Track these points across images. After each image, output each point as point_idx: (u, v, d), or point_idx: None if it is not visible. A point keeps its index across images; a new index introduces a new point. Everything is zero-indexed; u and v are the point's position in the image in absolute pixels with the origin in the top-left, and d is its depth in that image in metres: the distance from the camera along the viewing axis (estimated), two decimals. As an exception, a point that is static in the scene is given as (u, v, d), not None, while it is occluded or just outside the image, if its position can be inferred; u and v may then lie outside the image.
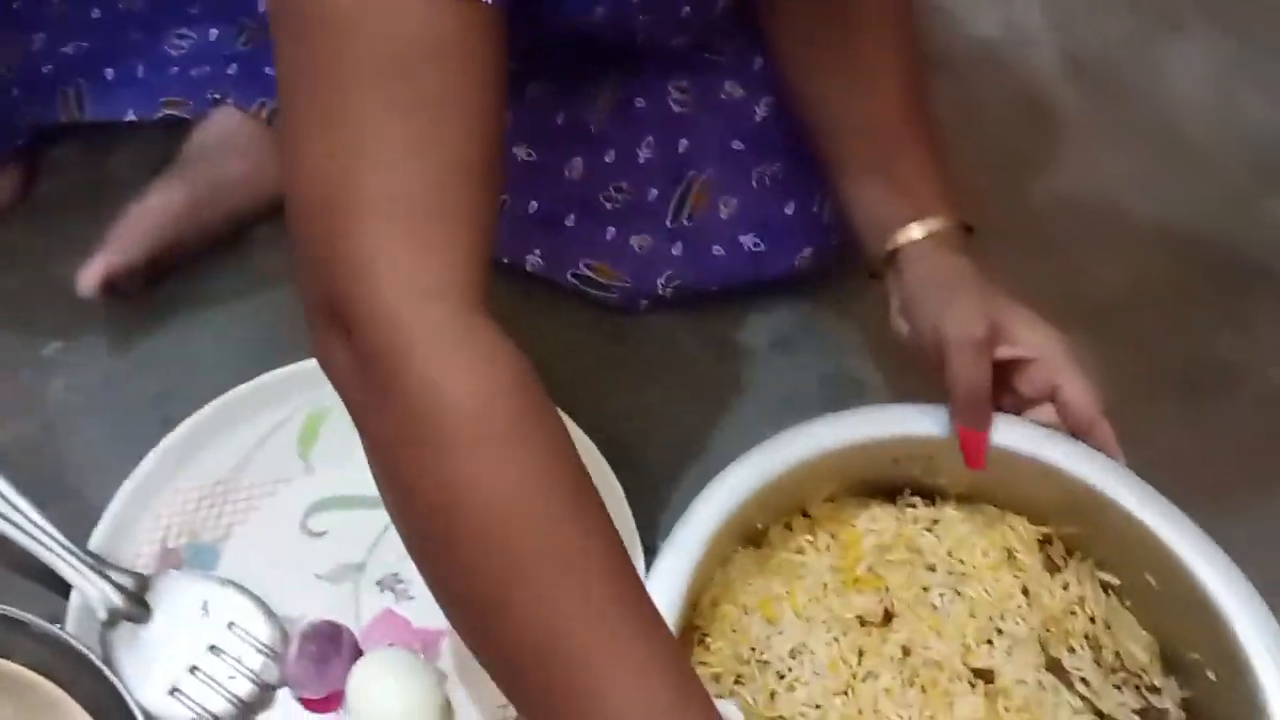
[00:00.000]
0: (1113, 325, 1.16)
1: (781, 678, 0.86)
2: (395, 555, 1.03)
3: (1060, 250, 1.04)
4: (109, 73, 1.24)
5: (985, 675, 0.87)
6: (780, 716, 0.85)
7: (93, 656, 0.92)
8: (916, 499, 0.96)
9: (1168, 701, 0.87)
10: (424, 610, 1.01)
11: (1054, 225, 0.98)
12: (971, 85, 1.40)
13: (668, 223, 1.19)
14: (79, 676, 0.93)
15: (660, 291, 1.18)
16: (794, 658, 0.87)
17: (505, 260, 1.20)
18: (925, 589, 0.90)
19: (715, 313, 1.21)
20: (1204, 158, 1.36)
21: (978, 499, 0.95)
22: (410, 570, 0.95)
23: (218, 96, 1.23)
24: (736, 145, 1.18)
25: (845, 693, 0.85)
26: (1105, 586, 0.92)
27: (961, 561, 0.92)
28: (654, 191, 1.19)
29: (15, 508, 1.00)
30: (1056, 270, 1.17)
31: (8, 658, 0.95)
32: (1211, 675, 0.85)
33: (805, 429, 0.91)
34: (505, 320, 0.89)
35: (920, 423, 0.92)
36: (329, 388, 0.87)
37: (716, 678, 0.88)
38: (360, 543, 1.05)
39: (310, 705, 0.97)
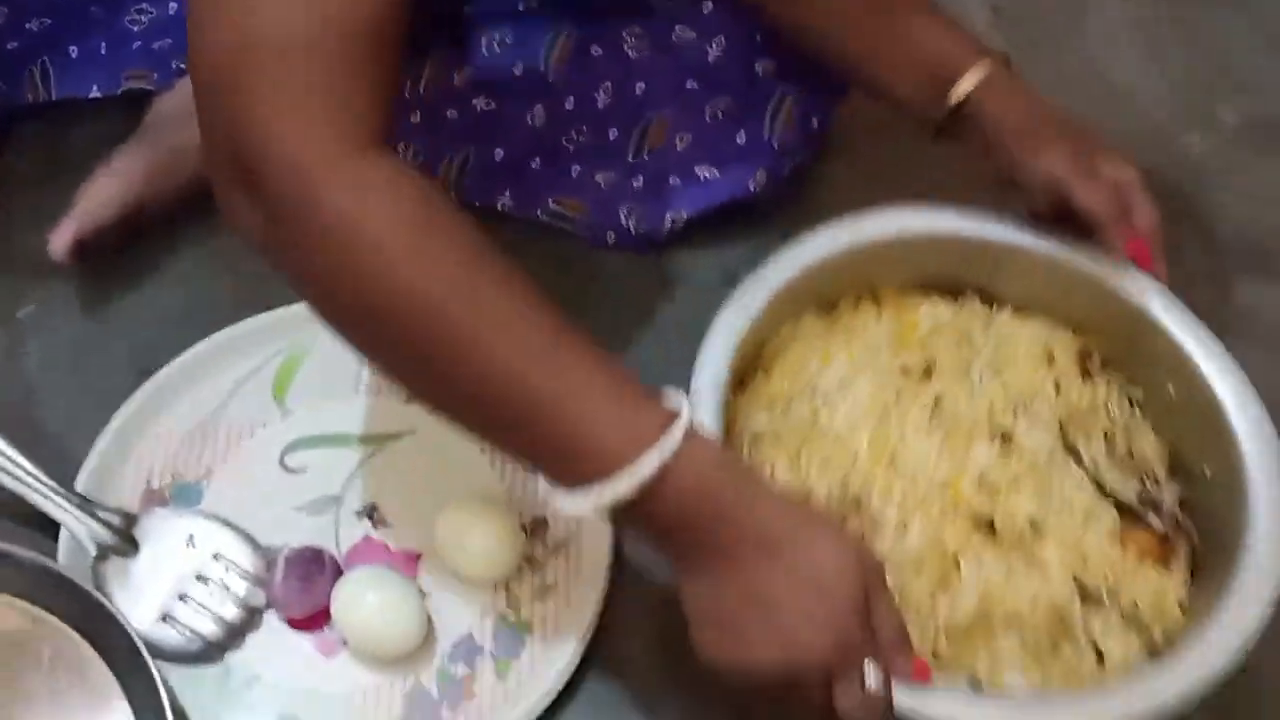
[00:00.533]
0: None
1: (826, 403, 0.97)
2: (370, 487, 1.08)
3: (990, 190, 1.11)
4: (72, 50, 1.28)
5: (1004, 435, 0.95)
6: (819, 431, 0.95)
7: (85, 585, 0.96)
8: (977, 300, 1.05)
9: (1165, 494, 0.96)
10: (402, 534, 1.06)
11: (983, 168, 1.05)
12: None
13: (628, 158, 1.24)
14: (71, 606, 0.97)
15: (624, 222, 1.23)
16: (840, 389, 0.98)
17: (476, 204, 1.25)
18: (967, 364, 0.99)
19: (671, 253, 1.25)
20: (1126, 100, 1.42)
21: (1032, 311, 1.04)
22: (386, 499, 1.07)
23: (182, 66, 1.26)
24: (690, 85, 1.23)
25: (878, 422, 0.95)
26: (1130, 400, 1.01)
27: (1004, 352, 1.00)
28: (614, 132, 1.24)
29: (3, 454, 1.04)
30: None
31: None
32: (1207, 471, 0.95)
33: (886, 211, 1.03)
34: None
35: (994, 229, 1.04)
36: (301, 335, 0.93)
37: (772, 401, 0.99)
38: (336, 477, 1.09)
39: (296, 624, 1.01)
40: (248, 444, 1.11)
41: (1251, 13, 1.49)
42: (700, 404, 0.92)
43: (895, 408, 0.97)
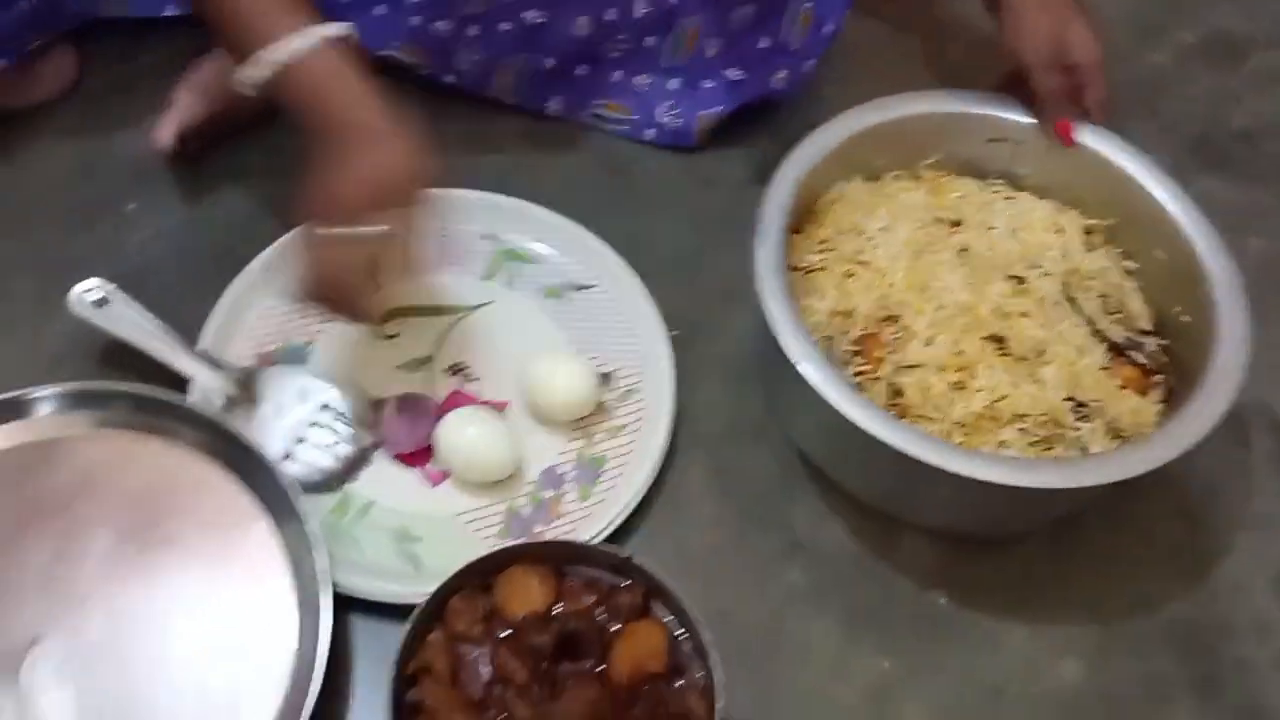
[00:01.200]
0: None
1: (869, 242, 1.16)
2: (458, 348, 1.24)
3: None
4: None
5: (1018, 279, 1.14)
6: (863, 262, 1.15)
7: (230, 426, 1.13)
8: (1001, 181, 1.24)
9: (1148, 341, 1.15)
10: (488, 387, 1.22)
11: (979, 64, 1.26)
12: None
13: (663, 64, 1.40)
14: (217, 443, 1.13)
15: (661, 119, 1.40)
16: (881, 233, 1.17)
17: (527, 108, 1.42)
18: (991, 226, 1.19)
19: (704, 152, 1.42)
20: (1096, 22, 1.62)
21: (1048, 193, 1.23)
22: (472, 358, 1.23)
23: None
24: None
25: (913, 258, 1.14)
26: (1126, 271, 1.18)
27: (1021, 219, 1.20)
28: (651, 39, 1.39)
29: (141, 319, 1.20)
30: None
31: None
32: (1185, 318, 1.13)
33: (920, 94, 1.23)
34: (529, 160, 1.30)
35: (1015, 111, 1.23)
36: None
37: (824, 241, 1.19)
38: (428, 340, 1.25)
39: (404, 460, 1.18)
40: None
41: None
42: (766, 236, 1.11)
43: (927, 249, 1.16)
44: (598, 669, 0.99)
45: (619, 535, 1.12)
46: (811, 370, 1.03)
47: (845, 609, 1.11)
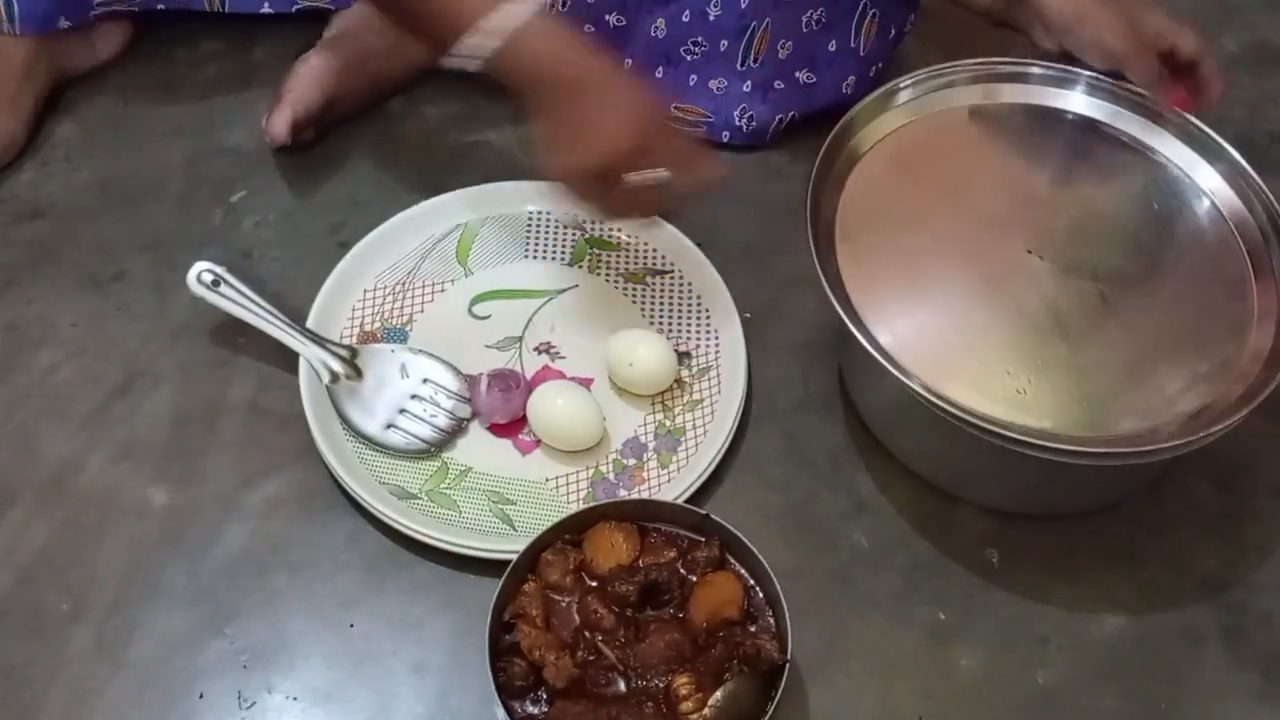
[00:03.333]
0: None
1: None
2: (546, 328, 1.38)
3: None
4: None
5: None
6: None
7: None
8: None
9: None
10: (573, 364, 1.35)
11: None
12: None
13: (738, 66, 1.50)
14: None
15: (737, 123, 1.52)
16: None
17: None
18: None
19: (773, 148, 1.54)
20: None
21: None
22: (558, 336, 1.36)
23: None
24: None
25: None
26: None
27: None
28: (725, 43, 1.49)
29: (248, 297, 1.34)
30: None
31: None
32: None
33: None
34: None
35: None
36: (474, 212, 1.39)
37: None
38: (517, 321, 1.38)
39: (497, 430, 1.30)
40: (440, 297, 1.40)
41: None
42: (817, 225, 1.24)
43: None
44: (678, 615, 1.12)
45: (697, 498, 1.24)
46: (872, 350, 1.16)
47: (904, 565, 1.24)
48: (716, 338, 1.36)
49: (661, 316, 1.39)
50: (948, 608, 1.22)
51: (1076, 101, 1.35)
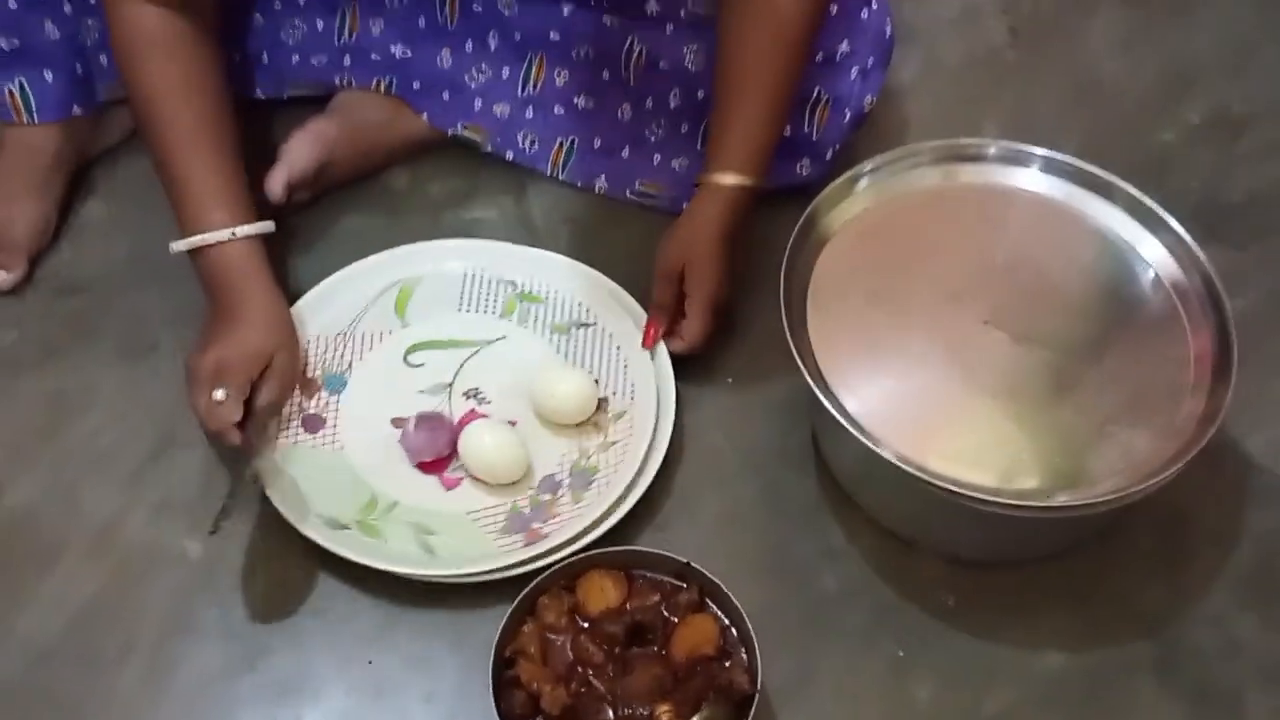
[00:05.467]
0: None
1: None
2: (473, 375, 1.59)
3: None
4: (237, 56, 1.76)
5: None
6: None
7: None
8: None
9: None
10: (497, 407, 1.56)
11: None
12: (937, 50, 1.99)
13: (698, 147, 1.68)
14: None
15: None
16: None
17: (579, 184, 1.77)
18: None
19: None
20: (1113, 101, 1.93)
21: None
22: (486, 384, 1.59)
23: (344, 80, 1.77)
24: None
25: None
26: None
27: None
28: (685, 126, 1.71)
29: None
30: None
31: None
32: None
33: None
34: (585, 231, 1.68)
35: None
36: (417, 268, 1.64)
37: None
38: (448, 369, 1.59)
39: (424, 468, 1.51)
40: (379, 347, 1.61)
41: (1212, 33, 2.01)
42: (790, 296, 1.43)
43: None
44: (661, 652, 1.34)
45: (670, 540, 1.46)
46: (838, 416, 1.36)
47: (869, 606, 1.44)
48: (633, 386, 1.56)
49: (582, 365, 1.60)
50: (907, 645, 1.42)
51: (1030, 179, 1.54)
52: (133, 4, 1.47)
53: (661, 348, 1.56)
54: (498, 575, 1.40)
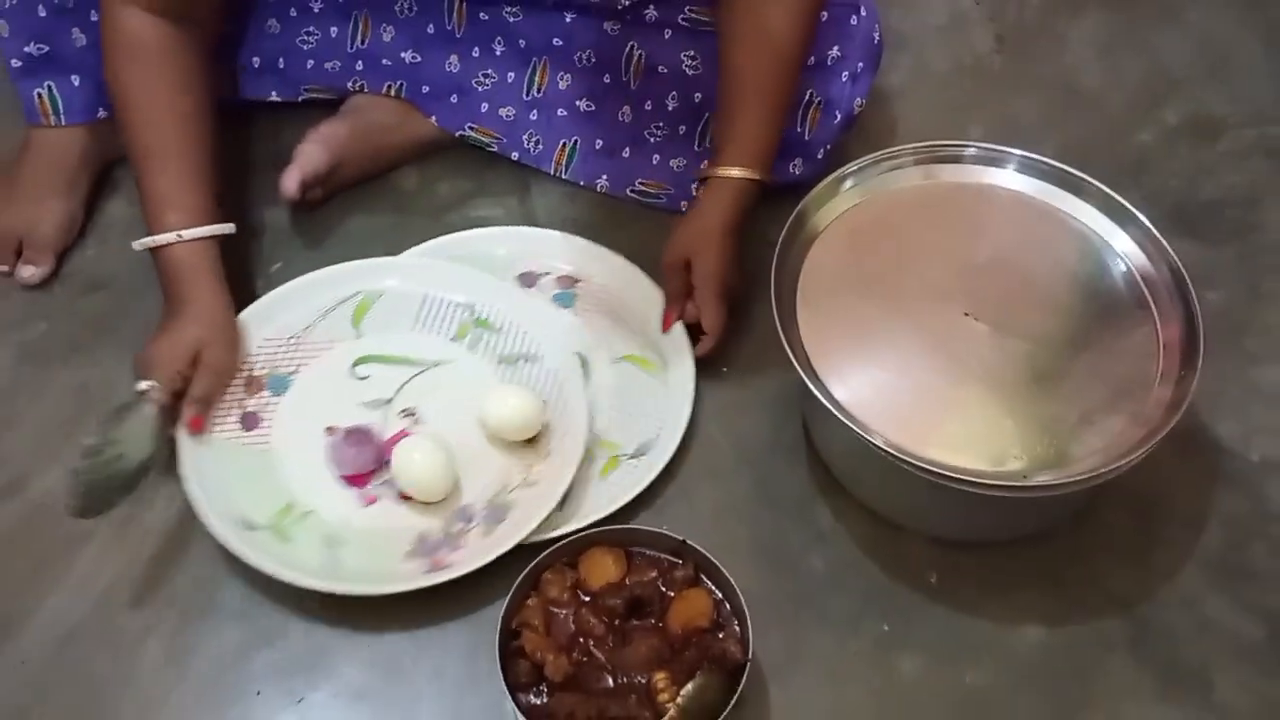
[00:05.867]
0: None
1: None
2: (414, 395, 1.63)
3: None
4: (255, 60, 1.85)
5: None
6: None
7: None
8: None
9: None
10: (431, 431, 1.58)
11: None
12: (925, 58, 2.07)
13: (695, 148, 1.80)
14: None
15: (695, 194, 1.69)
16: None
17: (581, 184, 1.85)
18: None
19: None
20: (1093, 104, 2.01)
21: None
22: (423, 405, 1.62)
23: (355, 85, 1.86)
24: None
25: None
26: None
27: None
28: (683, 128, 1.81)
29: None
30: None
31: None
32: None
33: None
34: (591, 229, 1.75)
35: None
36: (381, 280, 1.68)
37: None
38: (391, 385, 1.63)
39: (347, 480, 1.55)
40: (329, 354, 1.65)
41: (1193, 38, 2.10)
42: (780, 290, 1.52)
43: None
44: (658, 624, 1.42)
45: (667, 524, 1.50)
46: (828, 404, 1.44)
47: (856, 586, 1.52)
48: (566, 432, 1.58)
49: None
50: (892, 622, 1.50)
51: (1008, 179, 1.63)
52: (129, 9, 1.53)
53: (685, 366, 1.66)
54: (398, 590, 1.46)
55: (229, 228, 1.60)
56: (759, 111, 1.61)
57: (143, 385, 1.48)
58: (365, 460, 1.55)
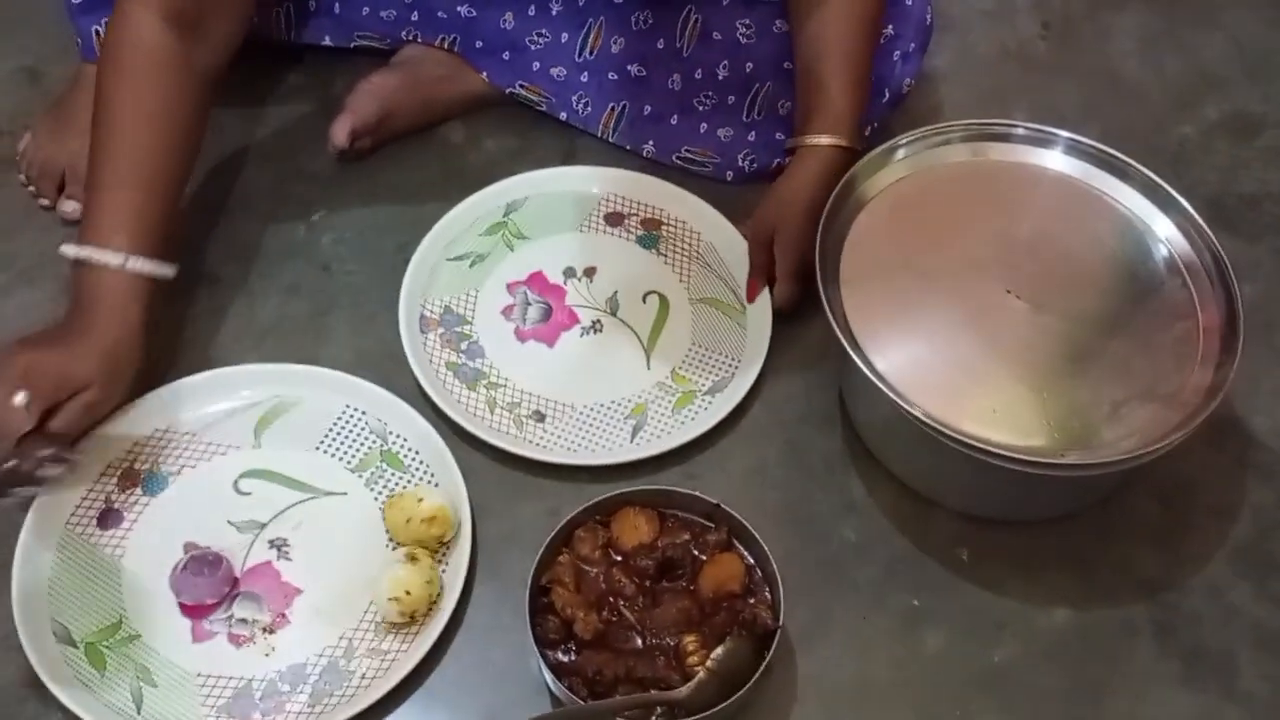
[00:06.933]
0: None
1: None
2: (290, 526, 1.43)
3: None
4: (311, 4, 1.79)
5: None
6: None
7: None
8: None
9: None
10: (295, 568, 1.40)
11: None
12: (971, 41, 2.01)
13: (743, 119, 1.74)
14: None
15: (741, 164, 1.72)
16: None
17: (627, 147, 1.79)
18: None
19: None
20: (1136, 96, 1.95)
21: None
22: (296, 538, 1.42)
23: (410, 35, 1.79)
24: (787, 65, 1.66)
25: None
26: None
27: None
28: (732, 98, 1.74)
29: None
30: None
31: None
32: None
33: None
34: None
35: None
36: (297, 389, 1.51)
37: None
38: (271, 509, 1.43)
39: (185, 610, 1.37)
40: (218, 460, 1.46)
41: (1229, 33, 2.04)
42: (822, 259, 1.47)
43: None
44: (689, 587, 1.37)
45: (699, 489, 1.44)
46: (869, 372, 1.39)
47: (885, 558, 1.47)
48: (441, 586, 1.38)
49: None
50: (920, 595, 1.45)
51: (1054, 160, 1.58)
52: (142, 11, 1.45)
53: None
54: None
55: (171, 271, 1.46)
56: (846, 77, 1.56)
57: (19, 399, 1.32)
58: (203, 591, 1.37)
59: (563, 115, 1.80)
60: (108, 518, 1.43)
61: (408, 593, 1.34)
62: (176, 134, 1.47)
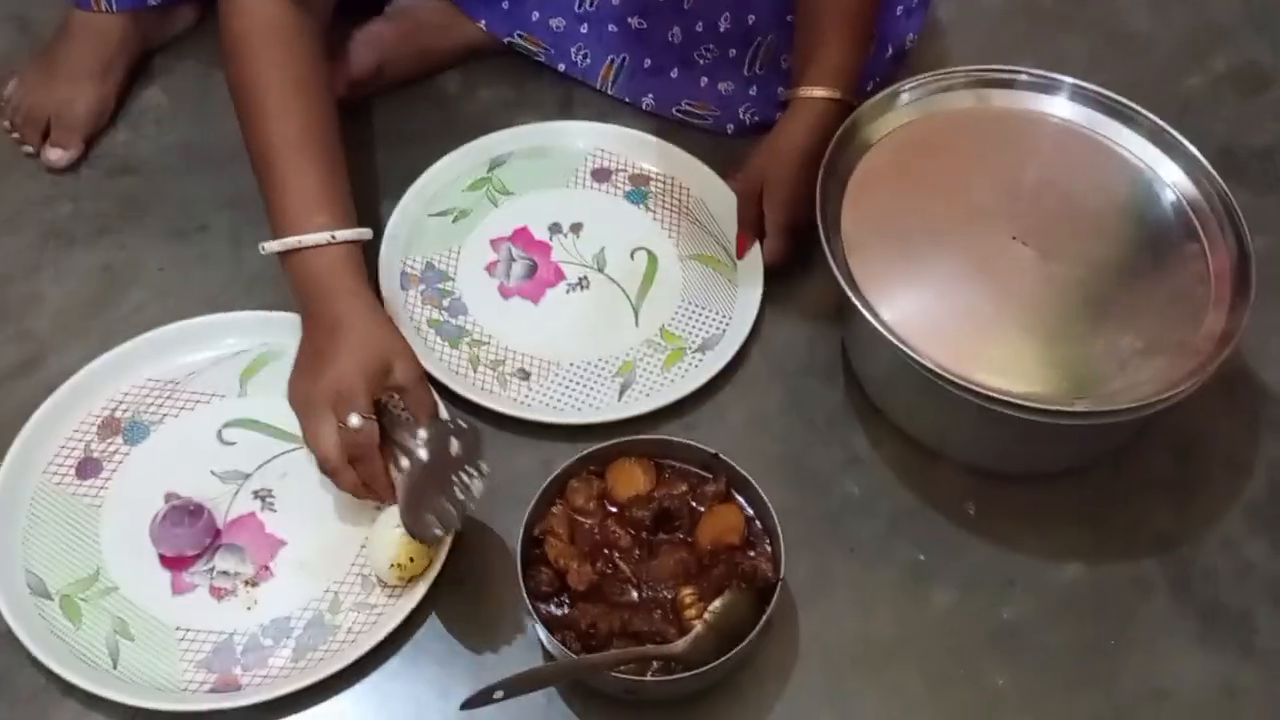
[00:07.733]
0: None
1: None
2: (276, 476, 1.35)
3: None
4: None
5: None
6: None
7: None
8: None
9: None
10: (280, 519, 1.33)
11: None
12: (977, -7, 1.91)
13: (744, 73, 1.67)
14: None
15: (741, 117, 1.66)
16: None
17: (626, 100, 1.71)
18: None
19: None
20: (1143, 49, 1.87)
21: None
22: (281, 489, 1.34)
23: None
24: (789, 18, 1.58)
25: None
26: None
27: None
28: (733, 51, 1.67)
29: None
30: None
31: None
32: None
33: None
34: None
35: None
36: (284, 338, 1.40)
37: None
38: (255, 459, 1.36)
39: (165, 561, 1.29)
40: (202, 409, 1.39)
41: (1241, -7, 1.93)
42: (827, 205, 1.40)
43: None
44: (686, 539, 1.28)
45: (698, 440, 1.35)
46: (872, 320, 1.31)
47: (890, 512, 1.39)
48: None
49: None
50: (926, 550, 1.36)
51: (1058, 106, 1.50)
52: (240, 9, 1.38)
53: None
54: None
55: (369, 233, 1.38)
56: (844, 30, 1.48)
57: (355, 421, 1.24)
58: (184, 542, 1.29)
59: (561, 67, 1.71)
60: (86, 467, 1.36)
61: (411, 559, 1.26)
62: (325, 98, 1.40)
